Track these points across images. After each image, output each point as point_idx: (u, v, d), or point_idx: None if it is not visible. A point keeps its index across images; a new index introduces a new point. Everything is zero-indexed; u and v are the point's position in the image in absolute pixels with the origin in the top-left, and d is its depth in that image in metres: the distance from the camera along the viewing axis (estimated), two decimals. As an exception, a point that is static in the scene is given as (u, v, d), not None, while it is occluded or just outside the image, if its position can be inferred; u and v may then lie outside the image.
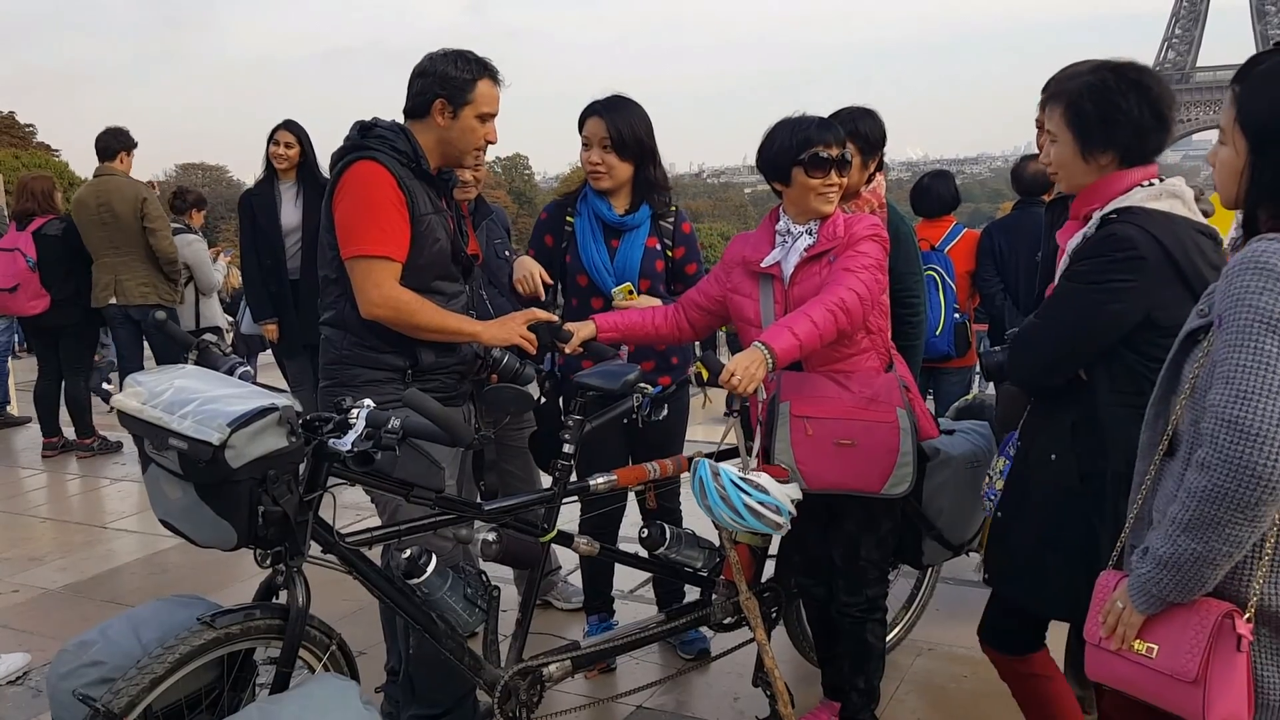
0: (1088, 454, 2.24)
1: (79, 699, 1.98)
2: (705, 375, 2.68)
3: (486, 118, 2.84)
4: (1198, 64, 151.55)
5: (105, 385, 9.55)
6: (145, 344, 6.82)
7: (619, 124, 3.35)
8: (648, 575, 4.24)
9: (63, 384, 7.02)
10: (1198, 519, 1.61)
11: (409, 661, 2.87)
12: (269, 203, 5.62)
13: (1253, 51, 1.98)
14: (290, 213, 5.64)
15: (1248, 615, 1.64)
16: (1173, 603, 1.69)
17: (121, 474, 6.55)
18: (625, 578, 3.98)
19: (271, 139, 5.54)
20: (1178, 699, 1.69)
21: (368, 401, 2.17)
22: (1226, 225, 5.99)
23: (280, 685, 2.23)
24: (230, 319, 7.79)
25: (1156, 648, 1.71)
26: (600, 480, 2.77)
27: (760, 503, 2.44)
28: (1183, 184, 2.26)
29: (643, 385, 2.82)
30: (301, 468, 2.20)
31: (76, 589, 4.56)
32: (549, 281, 3.39)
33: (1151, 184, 2.24)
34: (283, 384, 5.43)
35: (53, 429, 7.07)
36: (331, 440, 2.12)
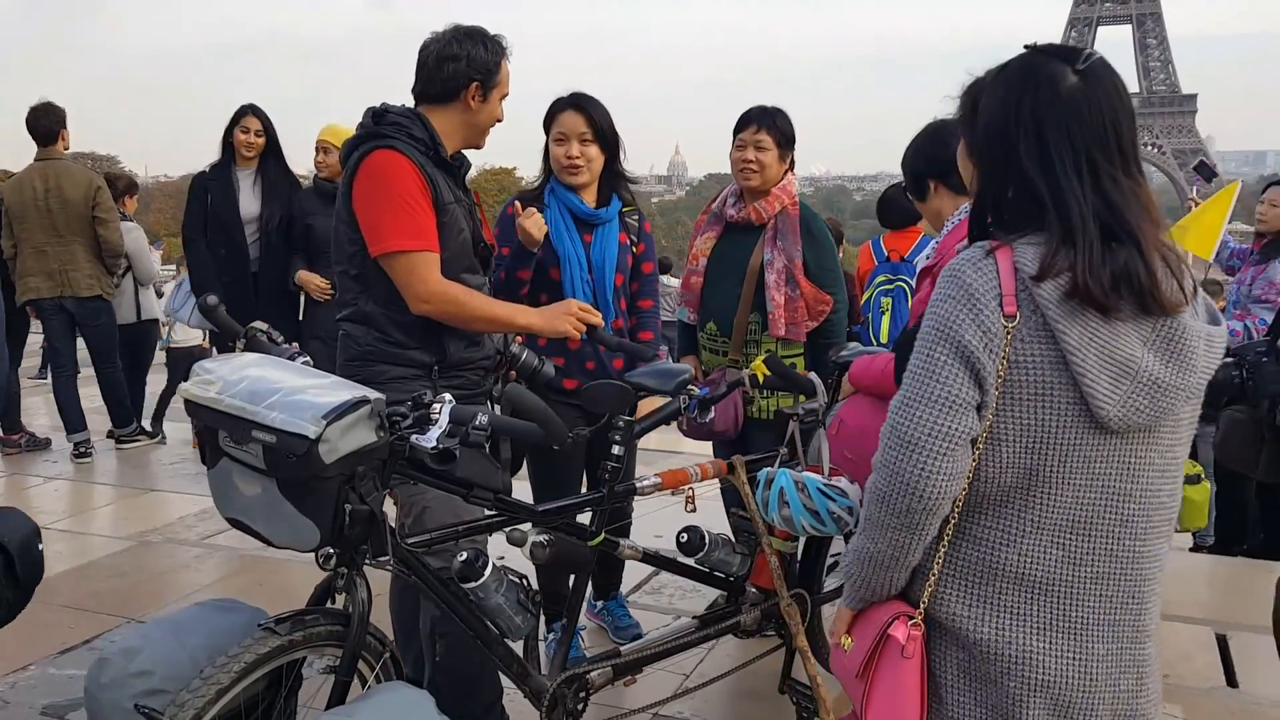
0: None
1: (142, 713, 1.84)
2: (762, 377, 2.64)
3: (504, 96, 2.80)
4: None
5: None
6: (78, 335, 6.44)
7: (597, 115, 3.29)
8: (642, 582, 4.21)
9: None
10: (869, 518, 1.60)
11: (435, 670, 2.74)
12: (227, 190, 5.38)
13: (1134, 82, 1.96)
14: (249, 201, 5.42)
15: (914, 620, 1.62)
16: (867, 600, 1.69)
17: (55, 472, 6.19)
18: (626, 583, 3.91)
19: (238, 124, 5.31)
20: (855, 694, 1.70)
21: (448, 396, 2.06)
22: (1205, 240, 6.24)
23: (339, 696, 2.11)
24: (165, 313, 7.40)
25: (854, 644, 1.71)
26: (647, 482, 2.70)
27: (841, 507, 2.40)
28: None
29: (690, 387, 2.76)
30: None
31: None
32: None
33: None
34: None
35: None
36: (414, 436, 2.00)
